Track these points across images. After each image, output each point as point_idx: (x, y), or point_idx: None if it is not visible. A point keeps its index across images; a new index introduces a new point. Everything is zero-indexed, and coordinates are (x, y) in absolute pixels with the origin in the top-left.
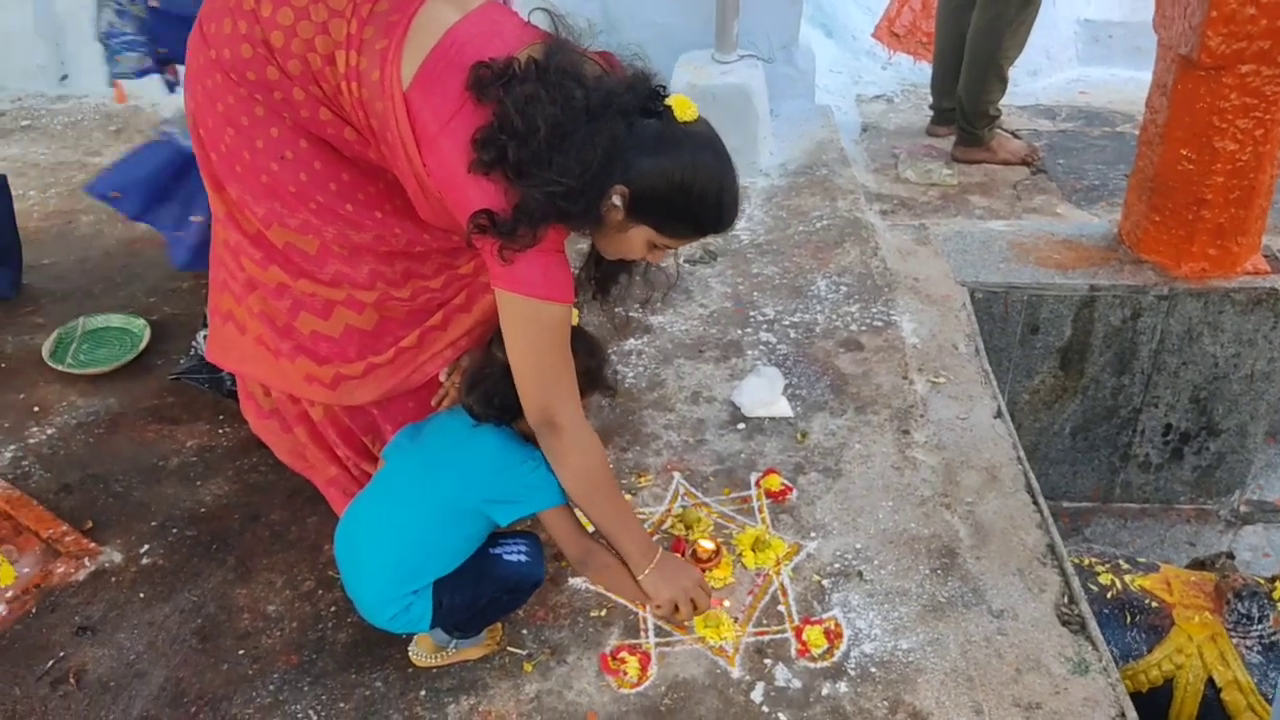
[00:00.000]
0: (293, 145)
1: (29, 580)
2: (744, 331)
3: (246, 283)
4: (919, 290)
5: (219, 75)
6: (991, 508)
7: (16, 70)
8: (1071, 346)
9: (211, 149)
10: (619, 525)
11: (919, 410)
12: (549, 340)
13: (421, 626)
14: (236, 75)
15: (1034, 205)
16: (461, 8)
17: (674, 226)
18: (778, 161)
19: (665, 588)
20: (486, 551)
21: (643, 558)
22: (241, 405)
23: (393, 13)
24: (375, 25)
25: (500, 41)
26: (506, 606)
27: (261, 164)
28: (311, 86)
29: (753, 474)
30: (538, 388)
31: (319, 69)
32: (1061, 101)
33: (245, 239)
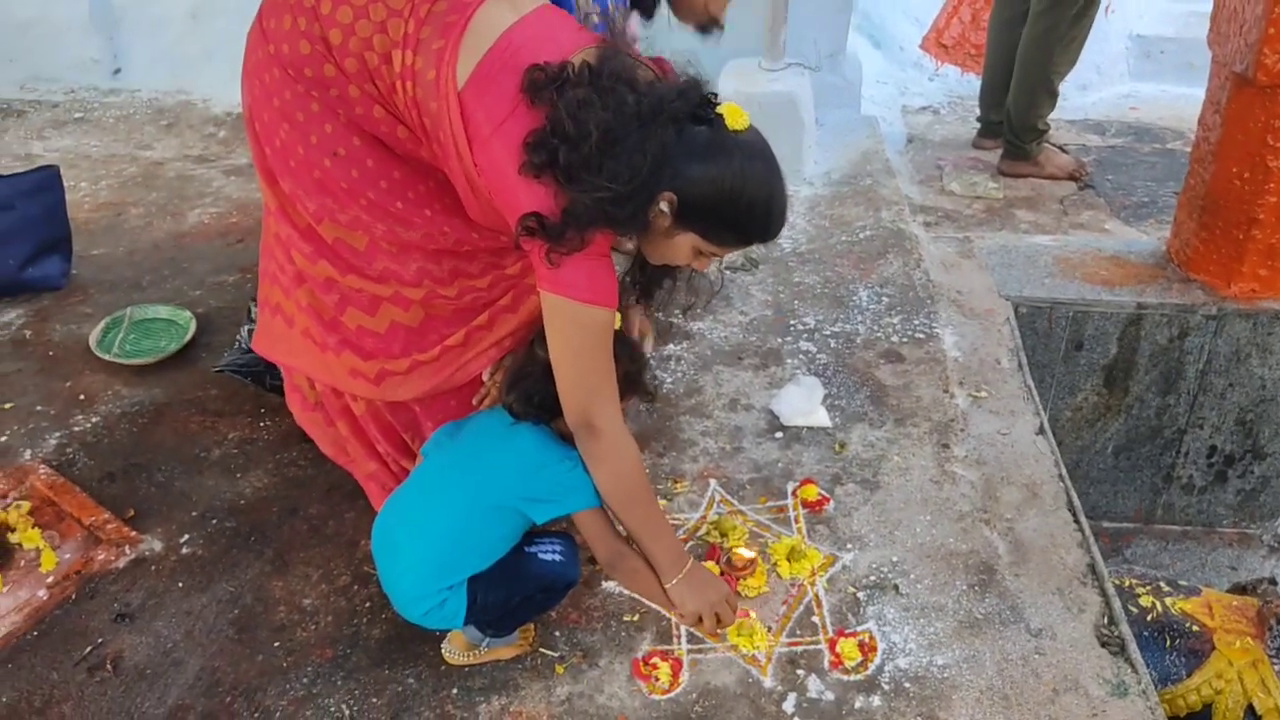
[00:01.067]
0: (345, 143)
1: (70, 566)
2: (784, 340)
3: (295, 276)
4: (961, 303)
5: (276, 70)
6: (1031, 525)
7: (70, 63)
8: (1116, 364)
9: (266, 143)
10: (651, 532)
11: (959, 424)
12: (592, 343)
13: (455, 623)
14: (294, 71)
15: (1081, 221)
16: (518, 10)
17: (721, 234)
18: (822, 170)
19: (692, 599)
20: (522, 550)
21: (672, 566)
22: (287, 397)
23: (450, 13)
24: (433, 25)
25: (555, 45)
26: (540, 606)
27: (315, 159)
28: (367, 85)
29: (789, 483)
30: (578, 390)
31: (375, 67)
32: (1112, 117)
33: (296, 233)
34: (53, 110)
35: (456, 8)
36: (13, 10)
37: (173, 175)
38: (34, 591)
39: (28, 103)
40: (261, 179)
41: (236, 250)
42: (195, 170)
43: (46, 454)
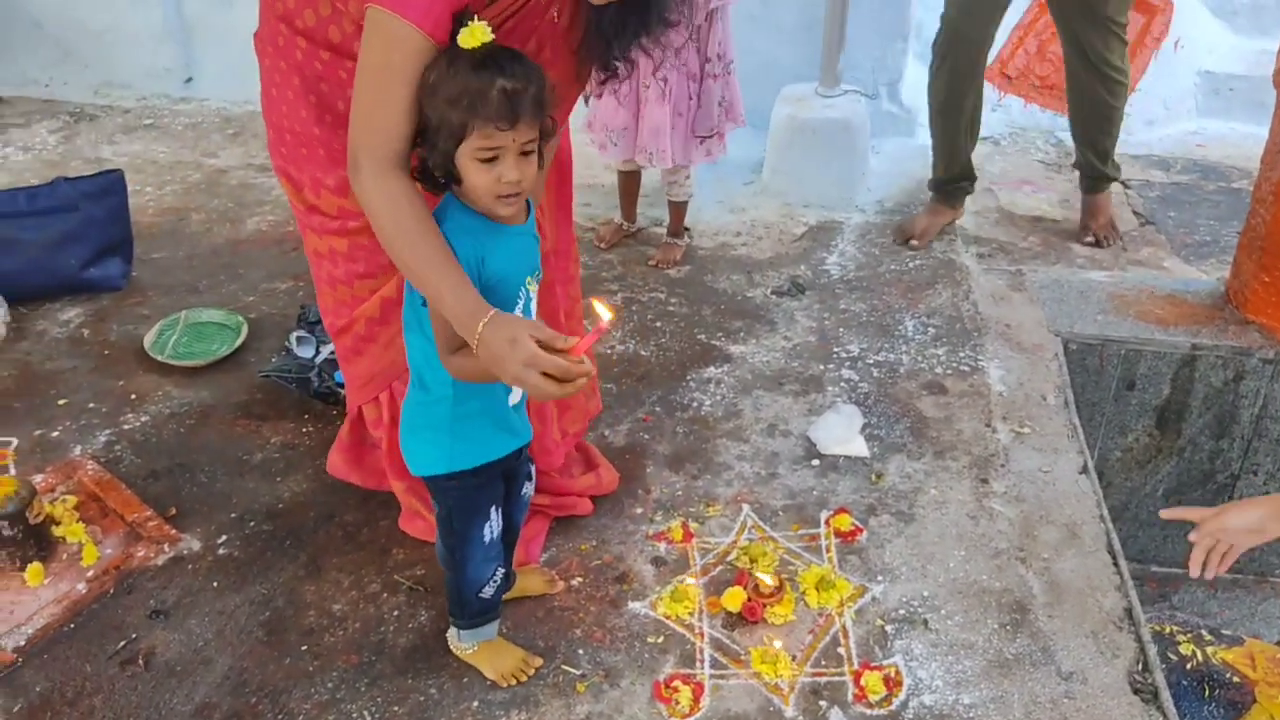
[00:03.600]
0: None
1: (110, 561)
2: (826, 367)
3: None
4: (1010, 337)
5: (283, 64)
6: (1069, 566)
7: (143, 71)
8: (1169, 406)
9: (281, 144)
10: (429, 287)
11: (1000, 460)
12: (378, 63)
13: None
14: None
15: (1140, 257)
16: None
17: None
18: (875, 198)
19: (498, 365)
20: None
21: (464, 331)
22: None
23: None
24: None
25: None
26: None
27: (311, 131)
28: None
29: (823, 512)
30: (355, 118)
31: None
32: (1177, 153)
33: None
34: (124, 116)
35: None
36: (90, 19)
37: (235, 183)
38: (74, 584)
39: (101, 108)
40: (290, 194)
41: (290, 258)
42: (256, 179)
43: (95, 450)
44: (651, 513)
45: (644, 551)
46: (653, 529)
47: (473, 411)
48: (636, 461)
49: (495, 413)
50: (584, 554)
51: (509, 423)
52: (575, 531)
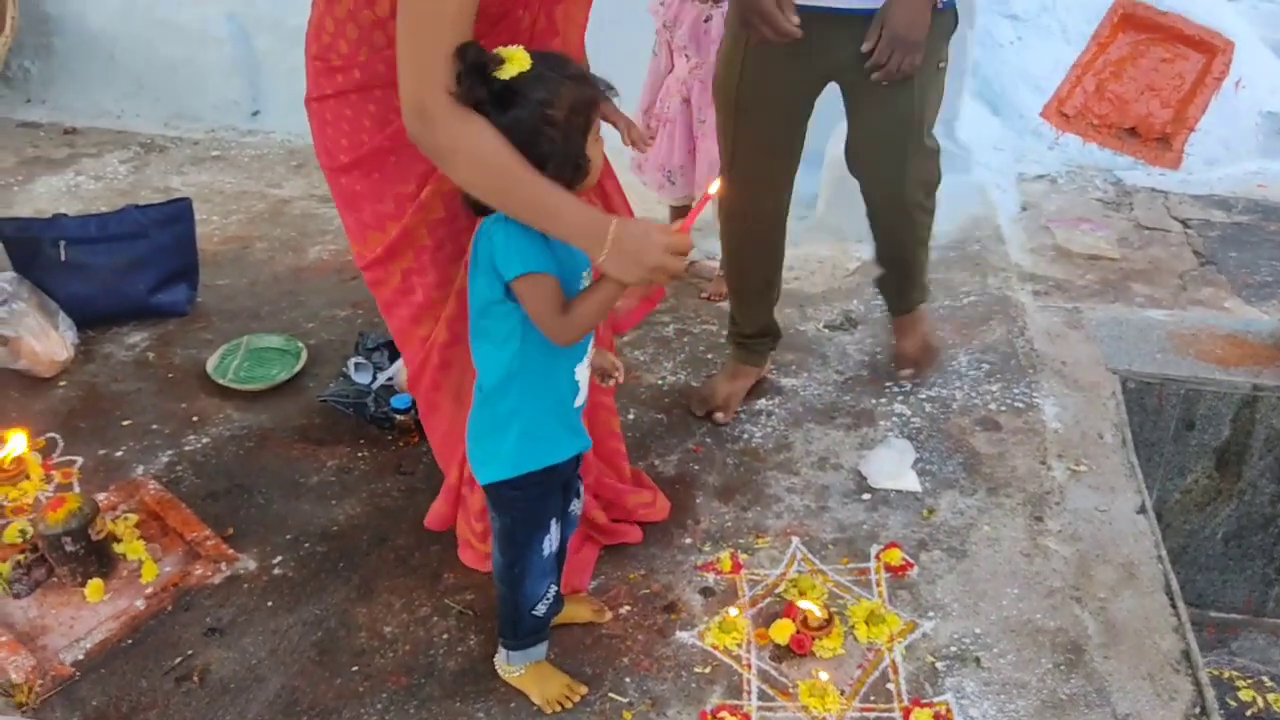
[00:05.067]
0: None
1: (169, 579)
2: (878, 401)
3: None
4: (1066, 374)
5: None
6: (1125, 606)
7: (212, 104)
8: (1229, 447)
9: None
10: (547, 211)
11: (1055, 498)
12: (433, 9)
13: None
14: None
15: (1200, 297)
16: None
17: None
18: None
19: (631, 269)
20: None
21: (592, 240)
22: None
23: None
24: None
25: None
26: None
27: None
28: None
29: (874, 546)
30: (411, 76)
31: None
32: (1238, 193)
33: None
34: (193, 147)
35: None
36: (163, 53)
37: (298, 213)
38: (132, 601)
39: (170, 139)
40: (356, 248)
41: (350, 286)
42: (319, 209)
43: (157, 470)
44: (700, 543)
45: (693, 581)
46: (701, 559)
47: (541, 410)
48: (686, 492)
49: (561, 412)
50: (633, 583)
51: (574, 423)
52: (624, 560)
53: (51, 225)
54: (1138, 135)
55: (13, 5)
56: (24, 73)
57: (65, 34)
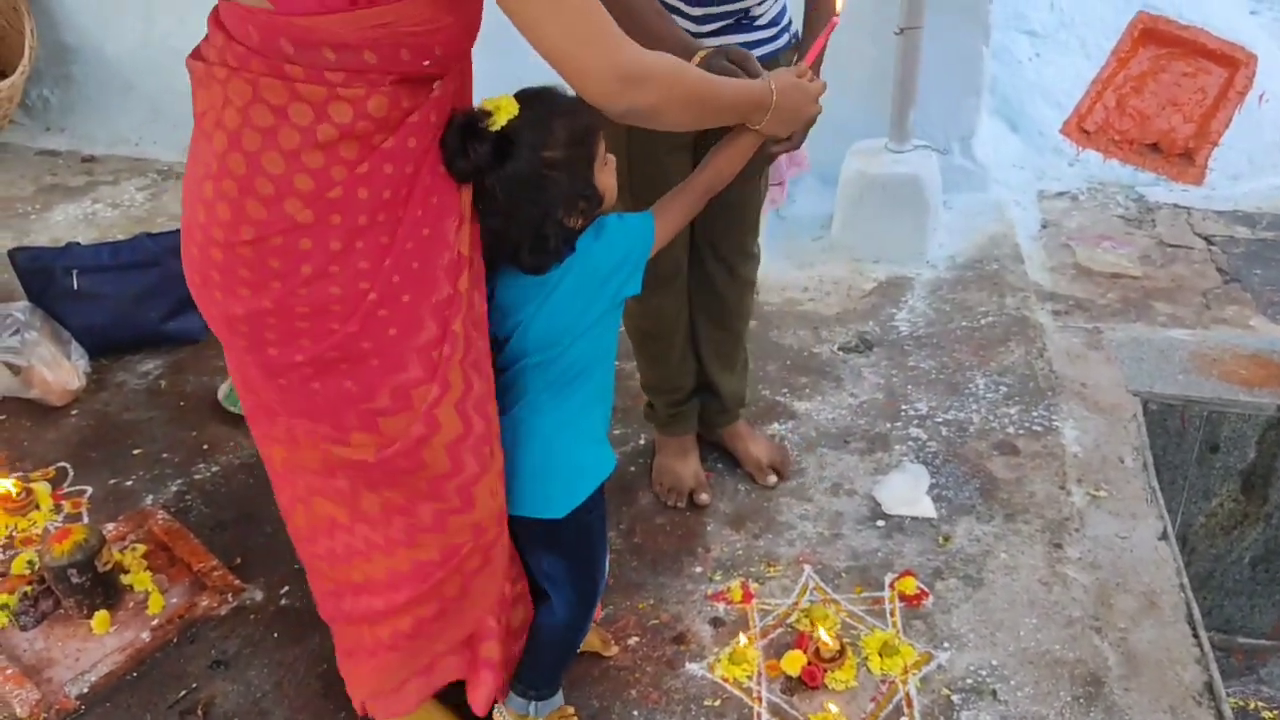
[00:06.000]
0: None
1: (175, 610)
2: (893, 425)
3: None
4: (1086, 396)
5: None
6: (1147, 636)
7: None
8: (1255, 470)
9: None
10: (731, 104)
11: (1074, 524)
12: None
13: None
14: None
15: (1224, 316)
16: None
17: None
18: (946, 254)
19: (787, 125)
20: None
21: (759, 109)
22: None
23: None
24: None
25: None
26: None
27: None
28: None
29: (888, 574)
30: (596, 54)
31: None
32: (1264, 209)
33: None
34: None
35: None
36: (180, 80)
37: None
38: (138, 633)
39: None
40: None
41: None
42: None
43: (167, 500)
44: (711, 572)
45: (702, 611)
46: (712, 589)
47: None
48: (696, 519)
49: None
50: (641, 613)
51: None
52: (633, 590)
53: (64, 254)
54: (1160, 151)
55: (31, 35)
56: (43, 101)
57: (84, 63)
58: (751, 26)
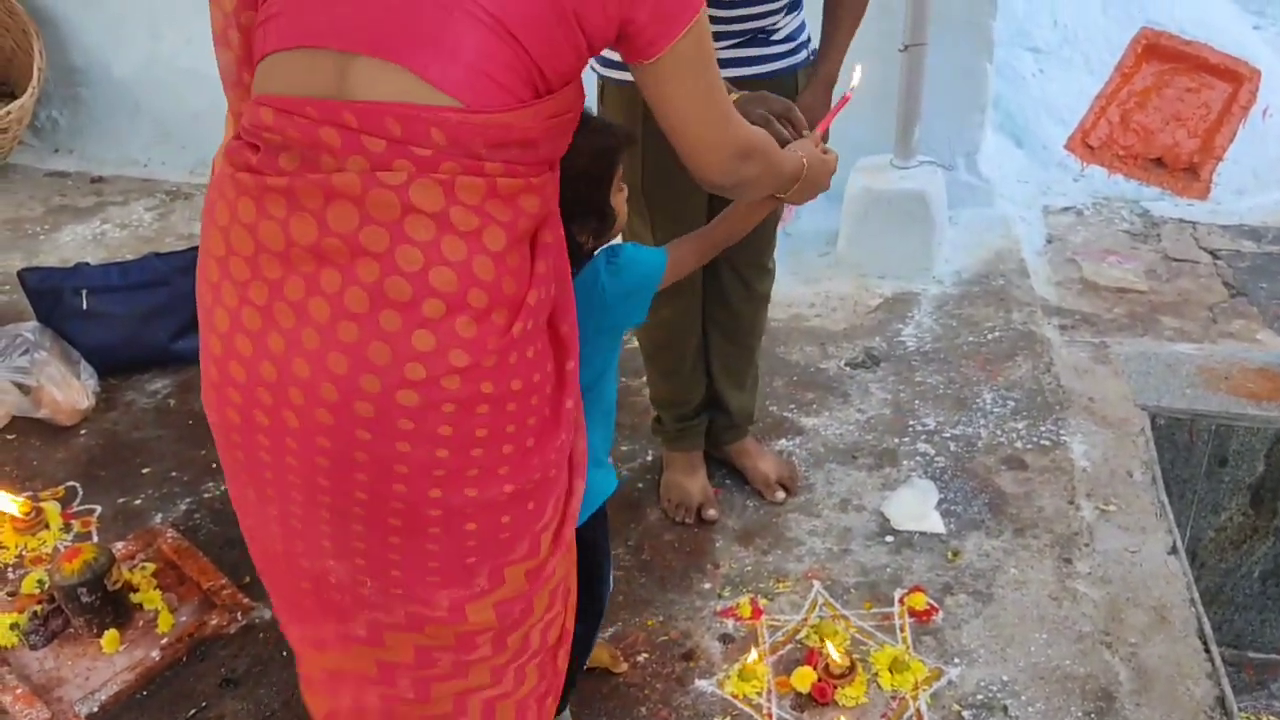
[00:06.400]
0: None
1: (184, 629)
2: (901, 440)
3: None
4: (1094, 411)
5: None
6: (1158, 651)
7: None
8: (1264, 484)
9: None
10: (788, 176)
11: (1084, 538)
12: (710, 59)
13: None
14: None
15: (1231, 330)
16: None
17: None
18: (952, 269)
19: (807, 195)
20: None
21: (794, 181)
22: None
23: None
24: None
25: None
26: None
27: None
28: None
29: (897, 590)
30: (723, 131)
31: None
32: (1269, 223)
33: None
34: None
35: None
36: (188, 101)
37: None
38: (148, 651)
39: (196, 186)
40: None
41: None
42: None
43: (176, 518)
44: (720, 588)
45: (712, 628)
46: (721, 605)
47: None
48: (705, 535)
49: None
50: (650, 629)
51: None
52: (641, 606)
53: (74, 274)
54: (1164, 166)
55: (40, 57)
56: (52, 123)
57: (92, 84)
58: (768, 42)
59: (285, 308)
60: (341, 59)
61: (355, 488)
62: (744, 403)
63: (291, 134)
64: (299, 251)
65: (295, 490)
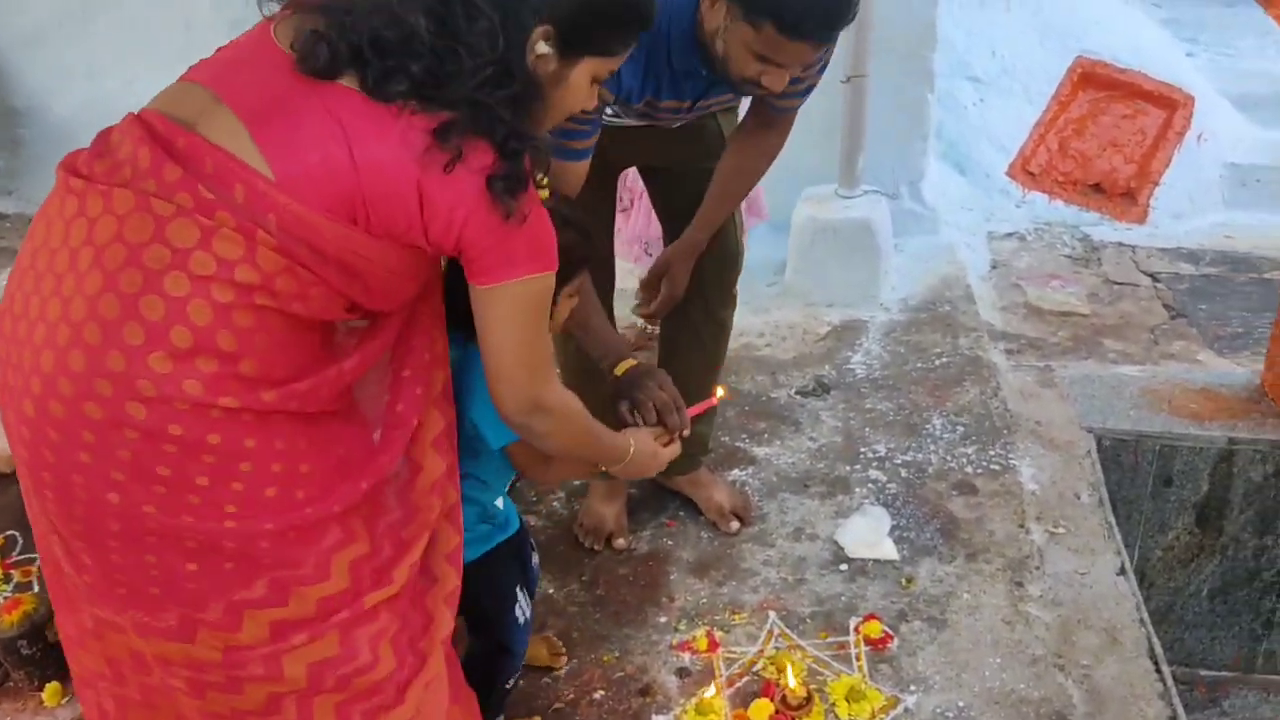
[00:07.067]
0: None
1: None
2: (852, 468)
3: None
4: (1041, 434)
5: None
6: (1110, 673)
7: None
8: (1209, 502)
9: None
10: (603, 453)
11: (1035, 562)
12: (537, 318)
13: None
14: None
15: (1172, 351)
16: (215, 100)
17: (617, 36)
18: (899, 296)
19: (633, 473)
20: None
21: (616, 462)
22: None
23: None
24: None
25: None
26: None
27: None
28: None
29: (852, 619)
30: (523, 379)
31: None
32: (1206, 245)
33: None
34: None
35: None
36: None
37: None
38: None
39: None
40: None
41: None
42: None
43: None
44: (675, 621)
45: (668, 662)
46: (677, 638)
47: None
48: (660, 568)
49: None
50: (606, 665)
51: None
52: (597, 642)
53: None
54: (1103, 191)
55: None
56: None
57: (32, 125)
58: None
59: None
60: (211, 101)
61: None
62: (700, 431)
63: (119, 142)
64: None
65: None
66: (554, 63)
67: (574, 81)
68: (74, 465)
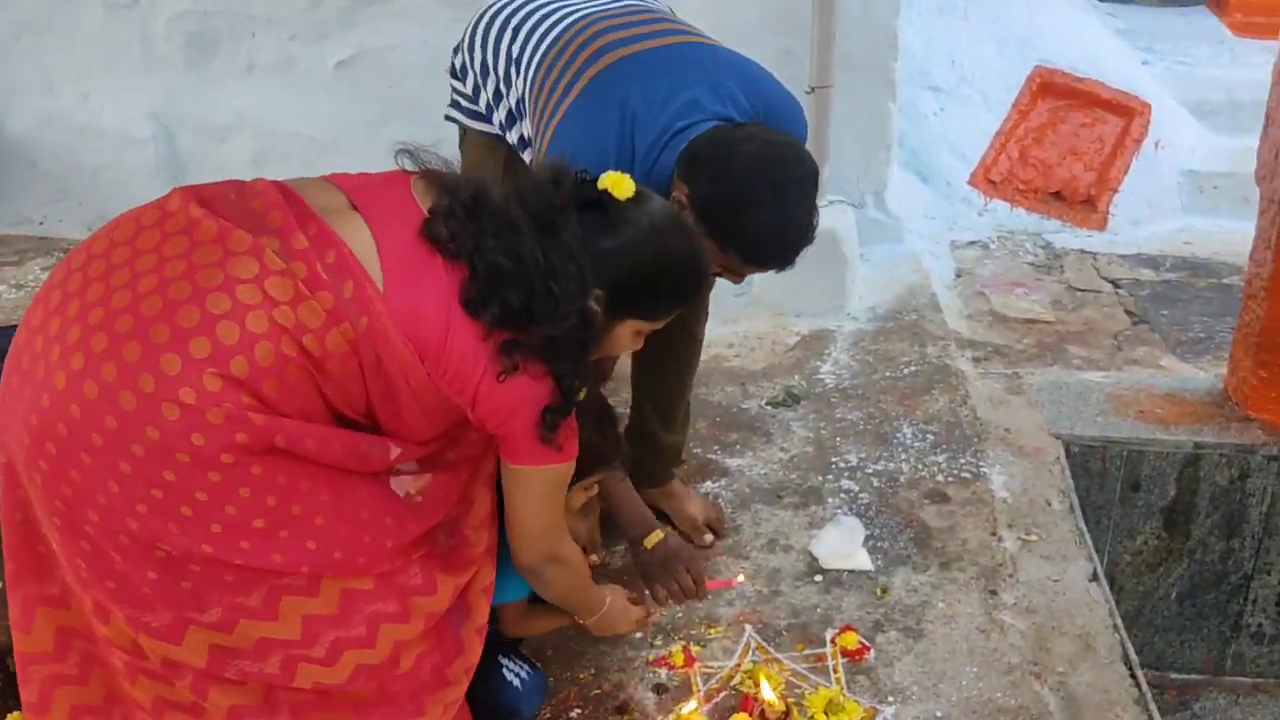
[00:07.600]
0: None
1: None
2: (825, 478)
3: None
4: (1010, 441)
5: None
6: (1085, 679)
7: (136, 205)
8: (1176, 506)
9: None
10: (581, 607)
11: (1008, 569)
12: (558, 495)
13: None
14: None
15: (1136, 357)
16: (349, 206)
17: (659, 305)
18: (866, 306)
19: (603, 631)
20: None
21: (590, 615)
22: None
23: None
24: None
25: (403, 208)
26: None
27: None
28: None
29: (828, 630)
30: (541, 538)
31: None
32: (1166, 251)
33: None
34: None
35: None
36: (85, 158)
37: None
38: None
39: None
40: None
41: None
42: None
43: None
44: (651, 637)
45: (644, 679)
46: (653, 654)
47: None
48: (634, 584)
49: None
50: (582, 683)
51: None
52: (573, 660)
53: None
54: (1063, 199)
55: None
56: None
57: None
58: None
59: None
60: (347, 205)
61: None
62: (674, 441)
63: (252, 195)
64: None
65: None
66: (600, 317)
67: (618, 334)
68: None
